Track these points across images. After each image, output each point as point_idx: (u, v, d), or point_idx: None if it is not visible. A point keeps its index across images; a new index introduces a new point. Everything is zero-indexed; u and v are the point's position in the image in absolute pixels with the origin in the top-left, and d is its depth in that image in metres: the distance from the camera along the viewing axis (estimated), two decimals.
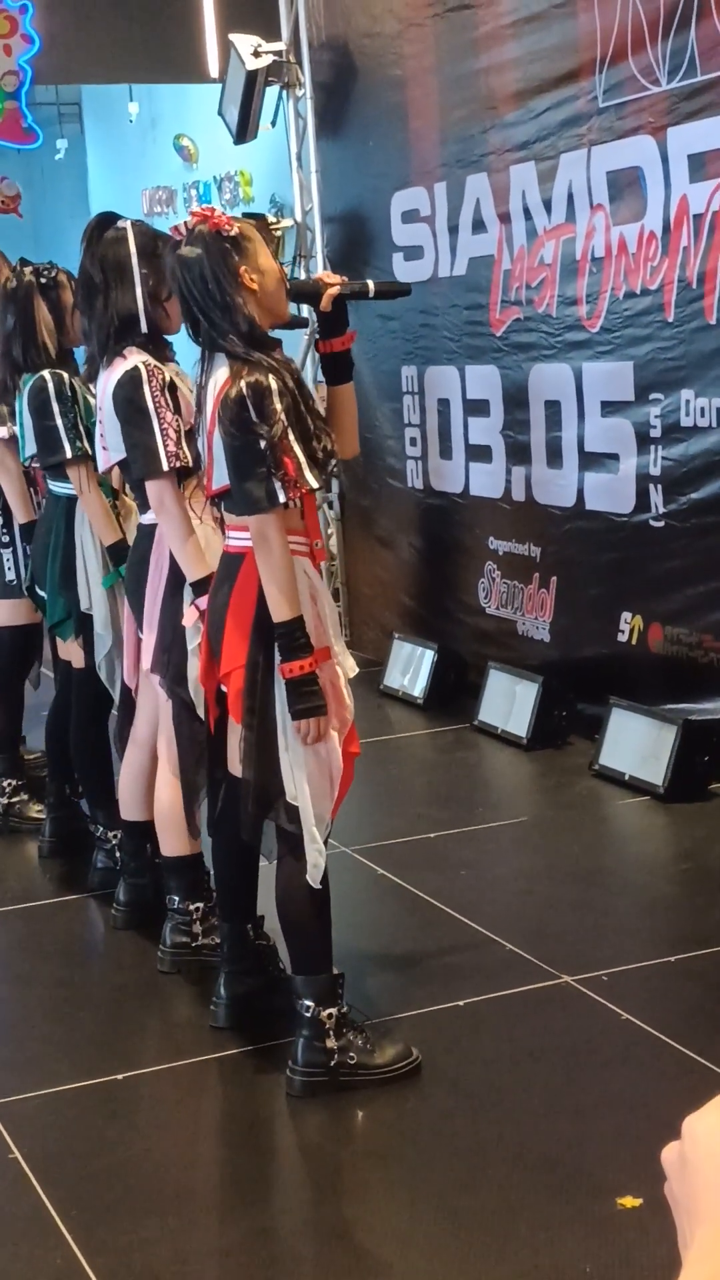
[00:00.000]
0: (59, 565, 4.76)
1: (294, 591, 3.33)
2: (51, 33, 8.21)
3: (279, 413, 3.27)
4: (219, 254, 3.37)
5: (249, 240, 3.42)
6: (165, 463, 3.91)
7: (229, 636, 3.45)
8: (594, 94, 5.71)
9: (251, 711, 3.40)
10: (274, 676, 3.38)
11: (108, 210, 4.24)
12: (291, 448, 3.29)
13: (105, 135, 12.83)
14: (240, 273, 3.38)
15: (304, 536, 3.43)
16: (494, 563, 6.72)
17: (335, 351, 3.57)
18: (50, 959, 4.50)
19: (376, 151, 7.42)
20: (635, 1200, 2.98)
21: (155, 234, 4.12)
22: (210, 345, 3.43)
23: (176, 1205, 3.13)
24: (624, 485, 5.77)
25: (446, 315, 6.89)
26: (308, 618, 3.35)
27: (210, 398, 3.41)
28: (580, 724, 6.04)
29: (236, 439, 3.30)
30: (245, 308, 3.37)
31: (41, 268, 4.81)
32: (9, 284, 4.83)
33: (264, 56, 7.82)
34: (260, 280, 3.41)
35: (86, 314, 4.15)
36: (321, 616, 3.43)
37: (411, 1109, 3.46)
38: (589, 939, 4.36)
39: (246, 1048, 3.76)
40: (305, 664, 3.32)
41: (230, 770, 3.65)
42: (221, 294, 3.37)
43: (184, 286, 3.42)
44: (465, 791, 5.90)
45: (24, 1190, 3.19)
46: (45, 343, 4.74)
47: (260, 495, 3.29)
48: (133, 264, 4.03)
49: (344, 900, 3.54)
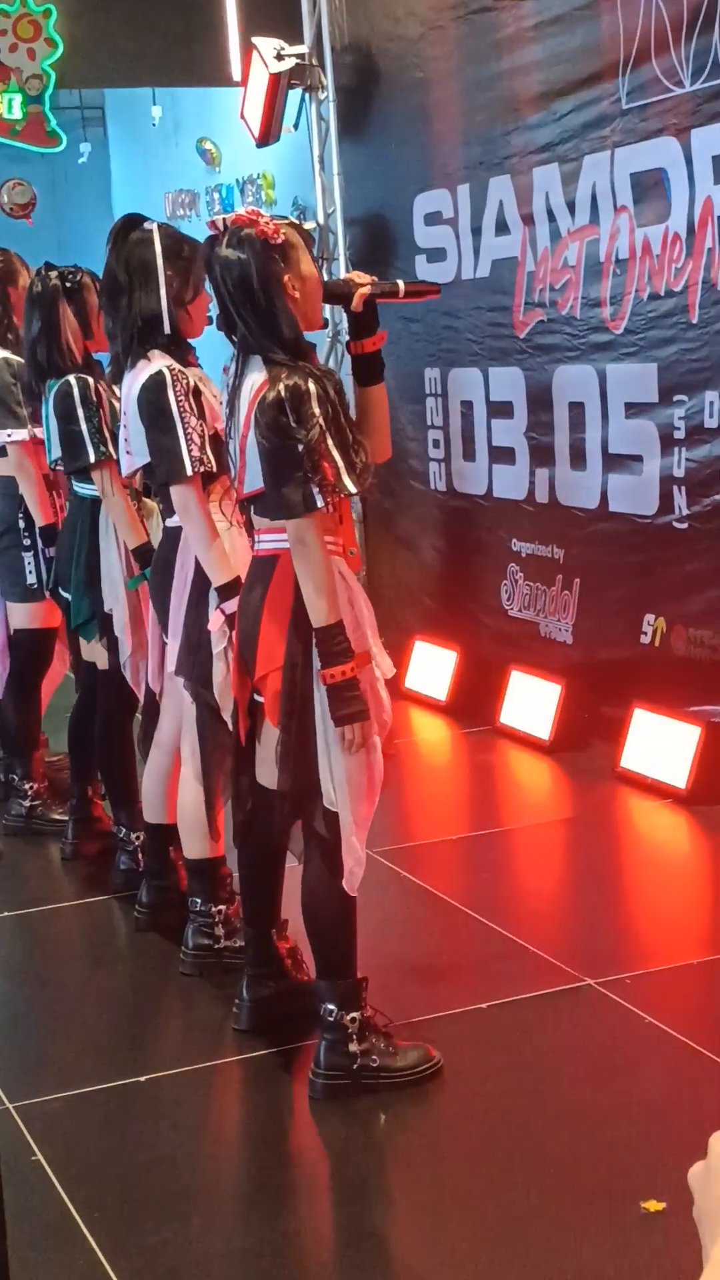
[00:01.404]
0: (83, 567, 4.77)
1: (334, 595, 3.29)
2: (75, 37, 8.23)
3: (316, 416, 3.23)
4: (265, 261, 3.33)
5: (294, 247, 3.38)
6: (189, 467, 3.91)
7: (265, 638, 3.42)
8: (617, 96, 5.70)
9: (290, 714, 3.37)
10: (313, 678, 3.34)
11: (134, 212, 4.24)
12: (330, 452, 3.24)
13: (128, 139, 12.86)
14: (285, 281, 3.35)
15: (337, 537, 3.40)
16: (517, 565, 6.71)
17: (366, 353, 3.54)
18: (72, 961, 4.51)
19: (399, 154, 7.42)
20: (660, 1204, 2.96)
21: (181, 237, 4.12)
22: (246, 349, 3.40)
23: (199, 1207, 3.13)
24: (648, 487, 5.75)
25: (470, 317, 6.89)
26: (346, 621, 3.32)
27: (245, 401, 3.38)
28: (603, 726, 6.03)
29: (273, 443, 3.26)
30: (288, 315, 3.35)
31: (66, 271, 4.81)
32: (34, 288, 4.84)
33: (287, 60, 7.84)
34: (301, 287, 3.38)
35: (110, 315, 4.16)
36: (360, 619, 3.39)
37: (434, 1112, 3.46)
38: (612, 941, 4.34)
39: (268, 1050, 3.76)
40: (346, 669, 3.28)
41: (259, 780, 3.64)
42: (267, 301, 3.33)
43: (223, 286, 3.38)
44: (487, 794, 5.89)
45: (47, 1192, 3.20)
46: (70, 347, 4.75)
47: (297, 500, 3.25)
48: (158, 266, 4.03)
49: (366, 903, 3.53)
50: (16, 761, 5.55)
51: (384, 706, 3.43)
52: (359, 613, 3.38)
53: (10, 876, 5.06)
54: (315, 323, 3.47)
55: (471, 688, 6.81)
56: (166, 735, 4.37)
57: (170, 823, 4.39)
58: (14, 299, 5.40)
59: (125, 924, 4.65)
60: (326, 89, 7.96)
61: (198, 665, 4.03)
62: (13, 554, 5.36)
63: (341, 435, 3.29)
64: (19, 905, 4.81)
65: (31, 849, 5.29)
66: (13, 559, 5.36)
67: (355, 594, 3.39)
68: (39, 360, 4.80)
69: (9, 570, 5.39)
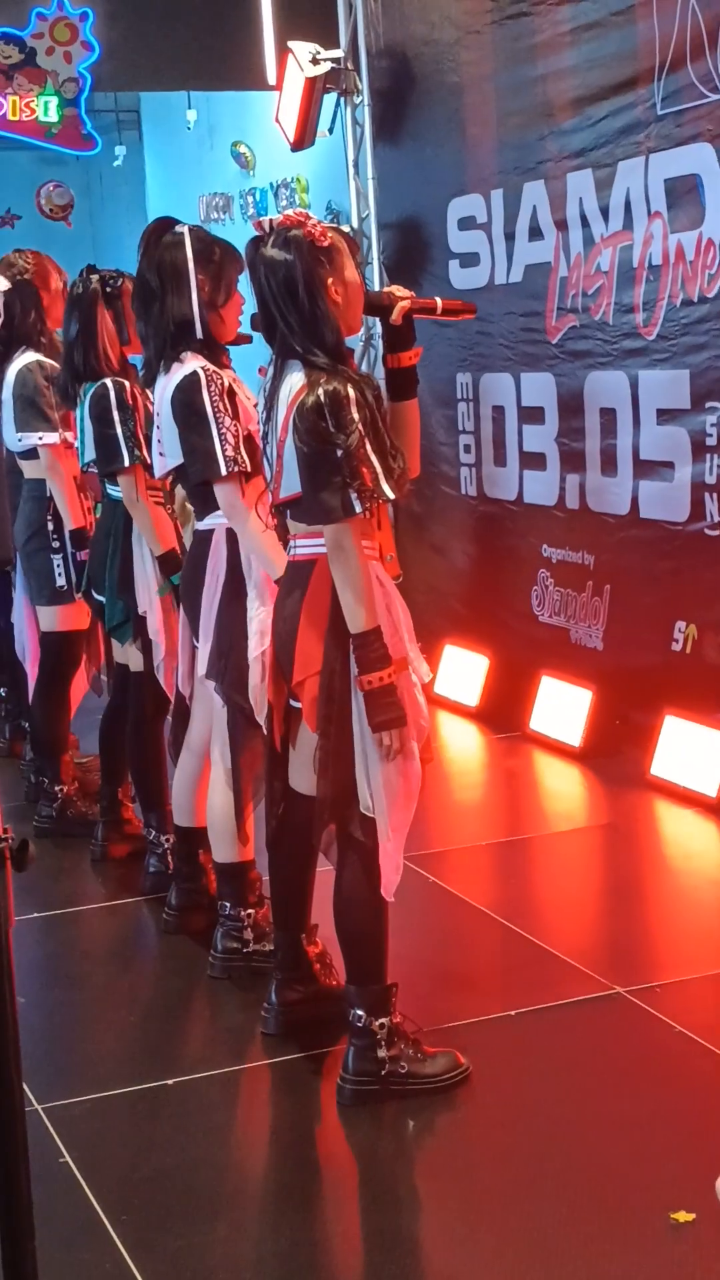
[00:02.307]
0: (117, 569, 4.78)
1: (371, 601, 3.28)
2: (111, 40, 8.26)
3: (356, 422, 3.23)
4: (311, 263, 3.32)
5: (339, 252, 3.37)
6: (224, 466, 3.91)
7: (302, 644, 3.41)
8: (652, 101, 5.69)
9: (328, 720, 3.36)
10: (351, 684, 3.33)
11: (165, 215, 4.25)
12: (368, 457, 3.24)
13: (163, 142, 12.89)
14: (329, 285, 3.34)
15: (374, 542, 3.38)
16: (547, 570, 6.70)
17: (403, 366, 3.52)
18: (101, 963, 4.52)
19: (433, 158, 7.42)
20: (689, 1215, 2.95)
21: (212, 240, 4.12)
22: (285, 352, 3.39)
23: (226, 1211, 3.14)
24: (679, 493, 5.74)
25: (502, 322, 6.88)
26: (384, 626, 3.31)
27: (283, 404, 3.37)
28: (633, 733, 6.01)
29: (312, 448, 3.25)
30: (330, 319, 3.34)
31: (107, 275, 4.83)
32: (74, 290, 4.86)
33: (322, 63, 7.85)
34: (344, 292, 3.37)
35: (143, 319, 4.16)
36: (397, 624, 3.38)
37: (462, 1119, 3.45)
38: (642, 949, 4.33)
39: (297, 1055, 3.76)
40: (384, 675, 3.27)
41: (292, 785, 3.64)
42: (311, 304, 3.32)
43: (266, 287, 3.36)
44: (517, 800, 5.88)
45: (74, 1194, 3.20)
46: (106, 351, 4.77)
47: (335, 505, 3.24)
48: (189, 269, 4.03)
49: (396, 908, 3.53)
50: (46, 764, 5.56)
51: (422, 712, 3.41)
52: (396, 618, 3.37)
53: (40, 878, 5.07)
54: (355, 328, 3.46)
55: (502, 693, 6.79)
56: (197, 738, 4.38)
57: (200, 826, 4.39)
58: (46, 301, 5.42)
59: (154, 927, 4.66)
60: (361, 93, 7.96)
61: (229, 669, 4.03)
62: (41, 557, 5.37)
63: (380, 441, 3.28)
64: (49, 907, 4.82)
65: (61, 851, 5.30)
66: (41, 562, 5.37)
67: (393, 599, 3.38)
68: (75, 363, 4.82)
69: (38, 574, 5.40)
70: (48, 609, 5.45)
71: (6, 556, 5.25)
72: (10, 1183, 2.15)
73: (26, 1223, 2.17)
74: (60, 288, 5.43)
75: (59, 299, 5.37)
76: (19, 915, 2.16)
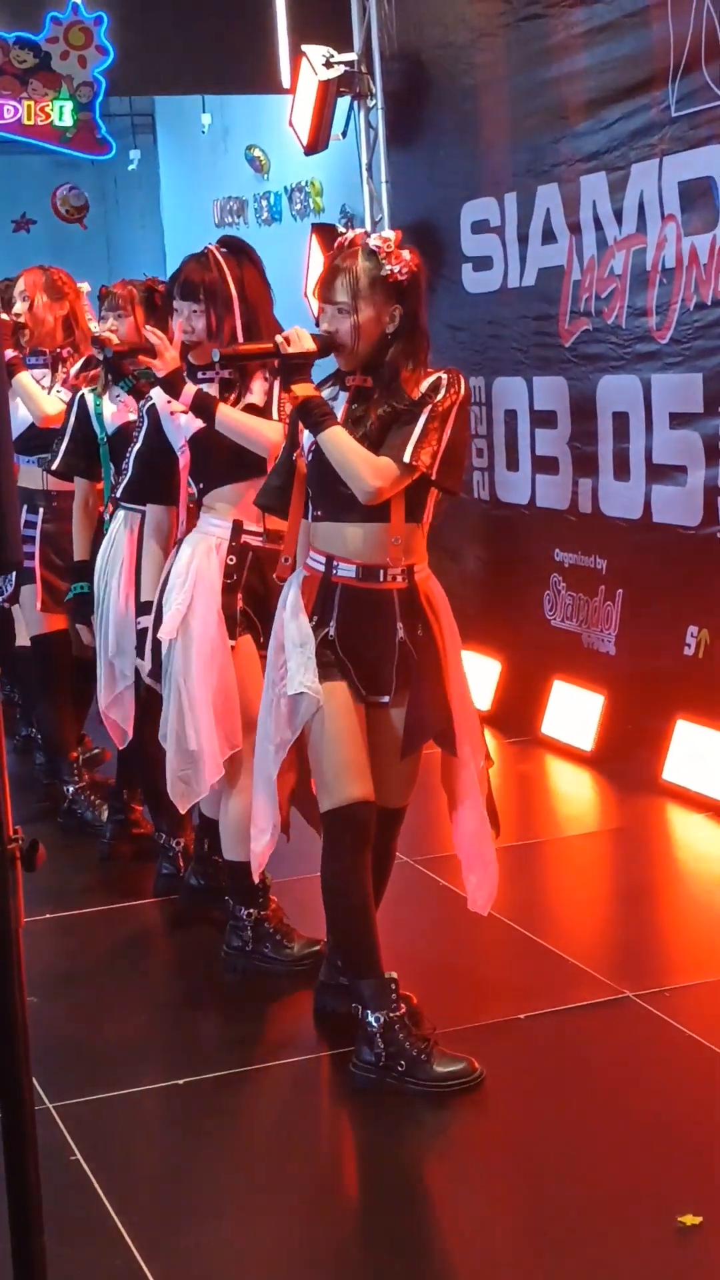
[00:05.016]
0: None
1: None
2: (126, 44, 8.27)
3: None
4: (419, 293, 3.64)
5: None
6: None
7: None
8: (666, 104, 5.69)
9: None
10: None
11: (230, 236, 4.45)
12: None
13: (177, 146, 12.92)
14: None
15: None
16: (559, 575, 6.69)
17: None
18: (111, 962, 4.52)
19: (447, 162, 7.42)
20: (696, 1218, 2.95)
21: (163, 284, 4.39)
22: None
23: (236, 1210, 3.14)
24: (692, 498, 5.73)
25: (515, 326, 6.88)
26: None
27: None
28: (645, 738, 6.00)
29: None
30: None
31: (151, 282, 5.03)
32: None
33: (336, 67, 7.86)
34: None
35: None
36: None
37: (472, 1122, 3.45)
38: (652, 954, 4.33)
39: (308, 1056, 3.76)
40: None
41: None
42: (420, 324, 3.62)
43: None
44: (528, 804, 5.87)
45: (84, 1192, 3.21)
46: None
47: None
48: None
49: (407, 911, 3.54)
50: (59, 763, 5.59)
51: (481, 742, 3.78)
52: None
53: (52, 877, 5.07)
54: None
55: (514, 697, 6.79)
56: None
57: (215, 818, 4.40)
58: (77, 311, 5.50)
59: (166, 928, 4.66)
60: (375, 96, 7.97)
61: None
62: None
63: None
64: (60, 906, 4.82)
65: (74, 850, 5.30)
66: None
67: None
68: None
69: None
70: (34, 614, 5.50)
71: (15, 559, 5.27)
72: (21, 1180, 2.16)
73: (37, 1220, 2.17)
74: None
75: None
76: (29, 915, 2.16)
